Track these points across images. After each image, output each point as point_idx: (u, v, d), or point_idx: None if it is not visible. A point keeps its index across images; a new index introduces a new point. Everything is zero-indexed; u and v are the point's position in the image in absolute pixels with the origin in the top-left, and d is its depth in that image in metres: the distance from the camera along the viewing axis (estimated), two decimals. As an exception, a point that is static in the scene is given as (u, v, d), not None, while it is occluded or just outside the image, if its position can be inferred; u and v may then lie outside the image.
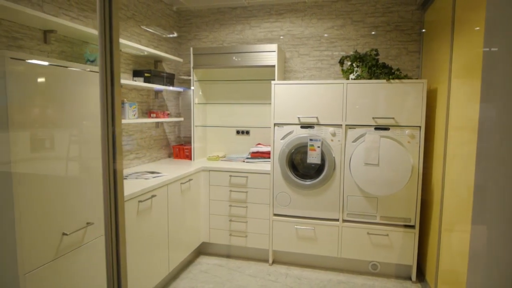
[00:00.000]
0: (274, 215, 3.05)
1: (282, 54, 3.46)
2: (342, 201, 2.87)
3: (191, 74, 3.44)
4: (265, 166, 3.17)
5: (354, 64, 2.93)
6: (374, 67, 2.82)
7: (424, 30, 3.15)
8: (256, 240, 3.13)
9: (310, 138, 2.87)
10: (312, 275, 2.92)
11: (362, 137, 2.77)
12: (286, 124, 2.96)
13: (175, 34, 3.79)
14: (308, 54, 3.51)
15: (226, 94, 3.72)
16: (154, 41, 3.40)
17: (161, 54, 3.13)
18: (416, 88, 2.65)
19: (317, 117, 2.88)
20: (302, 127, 2.92)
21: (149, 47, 3.07)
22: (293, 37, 3.54)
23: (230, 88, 3.71)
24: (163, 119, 3.22)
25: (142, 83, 2.91)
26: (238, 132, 3.73)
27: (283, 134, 2.97)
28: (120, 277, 0.95)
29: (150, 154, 3.39)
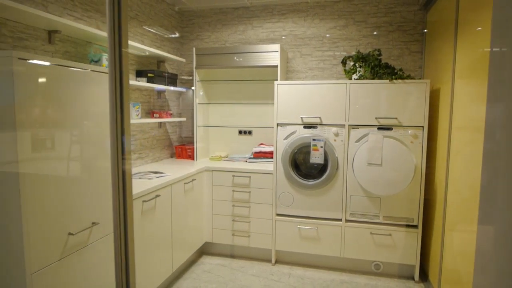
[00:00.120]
0: (277, 215, 3.06)
1: (285, 54, 3.47)
2: (345, 201, 2.88)
3: (194, 74, 3.45)
4: (268, 166, 3.18)
5: (357, 64, 2.93)
6: (377, 67, 2.82)
7: (426, 30, 3.16)
8: (259, 240, 3.13)
9: (313, 138, 2.87)
10: (315, 275, 2.92)
11: (365, 137, 2.78)
12: (289, 124, 2.97)
13: (178, 35, 3.79)
14: (310, 54, 3.52)
15: (228, 94, 3.73)
16: (156, 41, 3.41)
17: (163, 54, 3.14)
18: (419, 88, 2.66)
19: (320, 117, 2.88)
20: (305, 127, 2.93)
21: (151, 47, 3.07)
22: (295, 37, 3.55)
23: (232, 88, 3.71)
24: (166, 119, 3.22)
25: (145, 83, 2.91)
26: (240, 132, 3.73)
27: (286, 134, 2.97)
28: (128, 275, 0.96)
29: (153, 154, 3.39)
